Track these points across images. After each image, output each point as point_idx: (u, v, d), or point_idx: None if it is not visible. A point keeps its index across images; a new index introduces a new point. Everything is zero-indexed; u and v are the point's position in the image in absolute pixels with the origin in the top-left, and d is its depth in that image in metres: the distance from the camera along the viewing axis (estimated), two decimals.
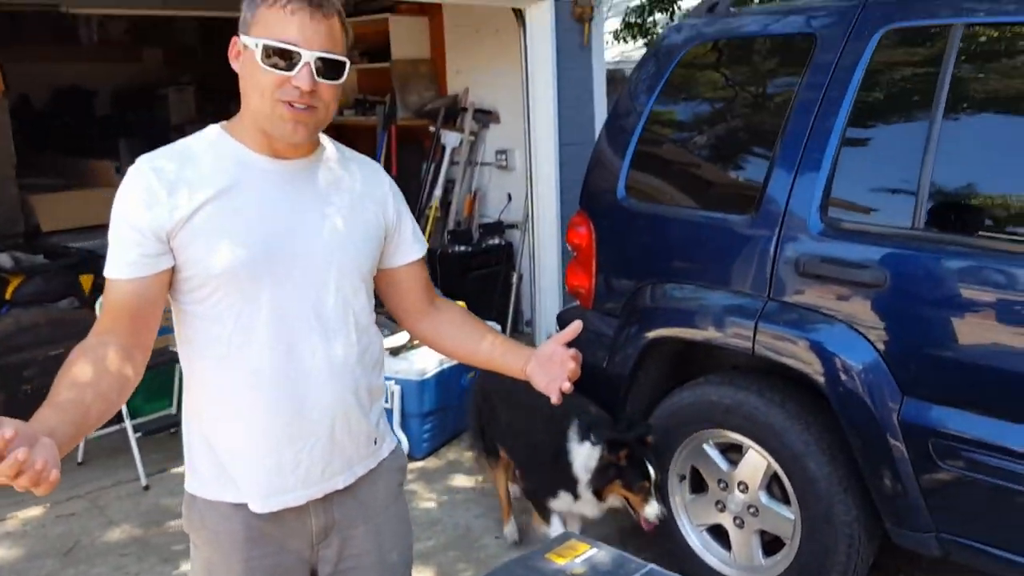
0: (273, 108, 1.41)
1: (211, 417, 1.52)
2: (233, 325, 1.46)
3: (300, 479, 1.54)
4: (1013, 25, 2.27)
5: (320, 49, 1.38)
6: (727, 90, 2.91)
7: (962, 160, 2.22)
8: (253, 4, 1.42)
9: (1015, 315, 2.08)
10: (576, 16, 5.22)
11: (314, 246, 1.50)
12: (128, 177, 1.44)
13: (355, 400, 1.57)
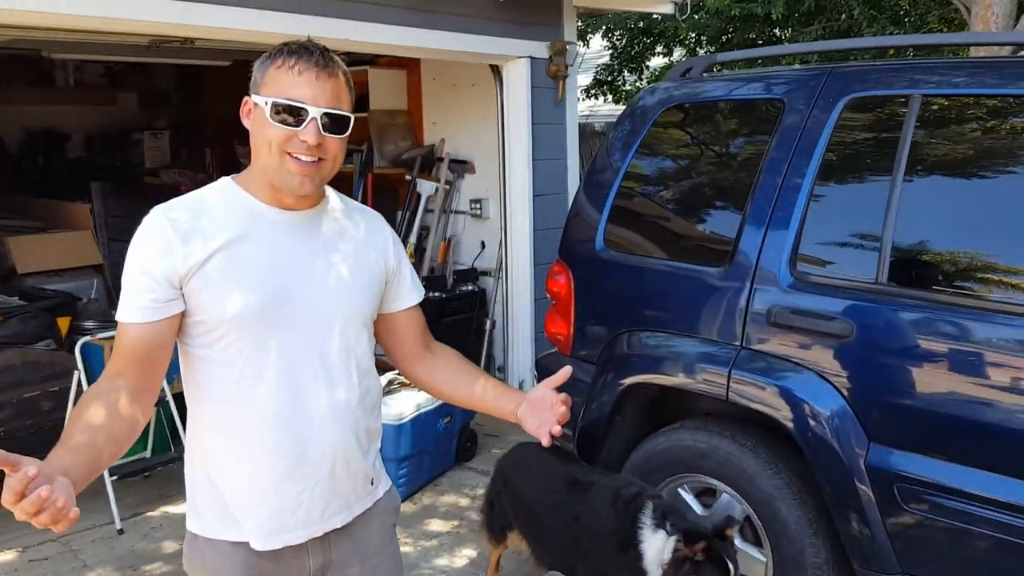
0: (281, 162, 1.50)
1: (216, 457, 1.58)
2: (241, 369, 1.53)
3: (301, 518, 1.60)
4: (963, 96, 2.45)
5: (326, 106, 1.48)
6: (700, 150, 3.06)
7: (921, 219, 2.37)
8: (264, 66, 1.53)
9: (971, 365, 2.21)
10: (551, 73, 5.41)
11: (321, 293, 1.58)
12: (143, 226, 1.52)
13: (355, 441, 1.64)
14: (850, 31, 6.33)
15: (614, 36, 8.00)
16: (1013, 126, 2.36)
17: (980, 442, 2.19)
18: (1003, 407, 2.17)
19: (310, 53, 1.50)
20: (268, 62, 1.53)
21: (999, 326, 2.19)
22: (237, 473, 1.57)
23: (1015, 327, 2.16)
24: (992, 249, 2.28)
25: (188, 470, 1.65)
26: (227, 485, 1.58)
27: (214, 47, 5.90)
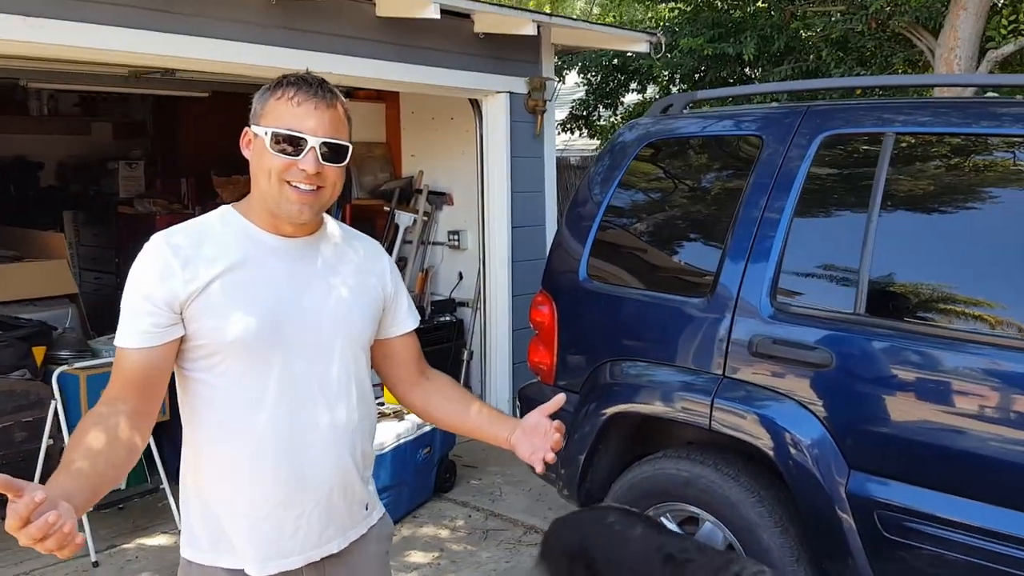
0: (281, 190, 1.53)
1: (212, 481, 1.58)
2: (240, 393, 1.55)
3: (298, 543, 1.61)
4: (933, 134, 2.55)
5: (324, 135, 1.52)
6: (680, 184, 3.14)
7: (896, 251, 2.46)
8: (263, 98, 1.56)
9: (947, 394, 2.28)
10: (530, 108, 5.50)
11: (320, 317, 1.60)
12: (144, 252, 1.54)
13: (353, 465, 1.66)
14: (818, 71, 6.51)
15: (589, 73, 8.14)
16: (978, 163, 2.46)
17: (958, 469, 2.25)
18: (978, 435, 2.23)
19: (309, 84, 1.54)
20: (268, 94, 1.56)
21: (972, 355, 2.26)
22: (234, 498, 1.57)
23: (987, 356, 2.23)
24: (963, 281, 2.36)
25: (183, 495, 1.66)
26: (224, 510, 1.59)
27: (194, 78, 5.94)
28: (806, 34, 6.79)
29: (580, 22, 5.58)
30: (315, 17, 4.29)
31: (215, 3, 3.93)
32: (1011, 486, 2.17)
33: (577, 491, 3.12)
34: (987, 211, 2.40)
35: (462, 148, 5.87)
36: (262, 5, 4.10)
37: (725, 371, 2.67)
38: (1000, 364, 2.22)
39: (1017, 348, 2.21)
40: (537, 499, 4.39)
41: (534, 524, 4.07)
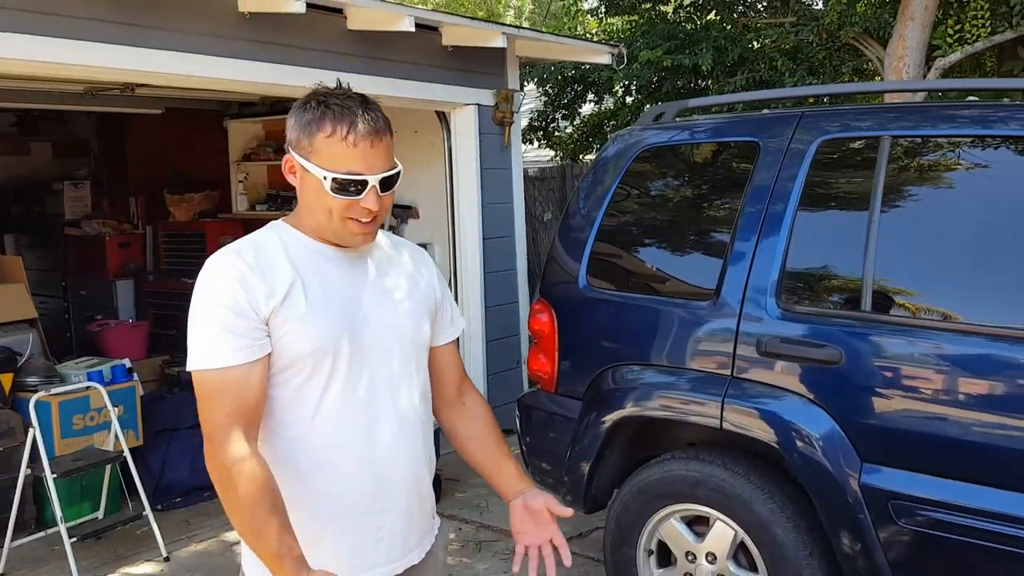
0: (343, 226, 1.52)
1: (289, 498, 1.55)
2: (314, 404, 1.53)
3: (383, 554, 1.59)
4: (927, 136, 2.65)
5: (381, 171, 1.49)
6: (678, 191, 3.19)
7: (898, 249, 2.54)
8: (310, 131, 1.48)
9: (955, 385, 2.37)
10: (497, 120, 5.53)
11: (383, 323, 1.60)
12: (216, 268, 1.50)
13: (426, 469, 1.66)
14: (772, 81, 6.69)
15: (547, 85, 8.22)
16: (974, 162, 2.57)
17: (968, 456, 2.34)
18: (987, 423, 2.32)
19: (359, 116, 1.47)
20: (315, 127, 1.47)
21: (975, 346, 2.35)
22: (314, 514, 1.54)
23: (991, 347, 2.33)
24: (965, 274, 2.46)
25: None
26: (304, 528, 1.53)
27: (150, 94, 5.82)
28: (759, 45, 6.98)
29: (547, 35, 5.64)
30: (286, 30, 4.24)
31: (183, 16, 3.86)
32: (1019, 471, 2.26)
33: (583, 498, 3.13)
34: (985, 207, 2.50)
35: (427, 161, 5.85)
36: (232, 18, 4.04)
37: (734, 371, 2.72)
38: (1005, 354, 2.31)
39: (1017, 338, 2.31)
40: None
41: None
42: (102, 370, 4.37)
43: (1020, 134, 2.50)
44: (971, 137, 2.56)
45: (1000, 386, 2.32)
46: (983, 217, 2.49)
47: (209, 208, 7.40)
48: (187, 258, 7.16)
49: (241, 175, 7.10)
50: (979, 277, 2.45)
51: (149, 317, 7.00)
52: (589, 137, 8.44)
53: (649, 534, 2.97)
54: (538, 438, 3.33)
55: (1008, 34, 6.12)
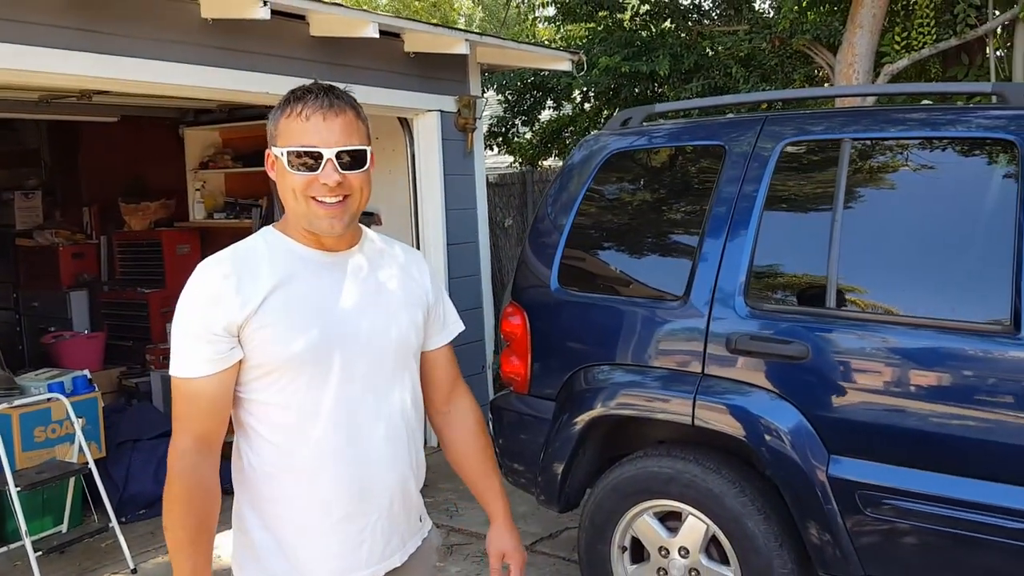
0: (308, 207, 1.53)
1: (272, 502, 1.57)
2: (298, 409, 1.54)
3: (363, 558, 1.60)
4: (887, 138, 2.75)
5: (338, 145, 1.51)
6: (647, 194, 3.26)
7: (861, 247, 2.63)
8: (276, 118, 1.56)
9: (918, 377, 2.46)
10: (460, 126, 5.56)
11: (371, 328, 1.60)
12: (194, 280, 1.53)
13: (411, 473, 1.66)
14: (727, 87, 6.84)
15: (507, 91, 8.27)
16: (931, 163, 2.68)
17: (929, 446, 2.43)
18: (944, 412, 2.41)
19: (315, 96, 1.53)
20: (279, 113, 1.56)
21: (932, 340, 2.44)
22: (297, 515, 1.56)
23: (946, 341, 2.42)
24: (926, 270, 2.56)
25: (237, 521, 1.63)
26: (287, 530, 1.57)
27: (106, 102, 5.73)
28: (713, 52, 7.12)
29: (508, 41, 5.69)
30: (248, 37, 4.23)
31: (145, 22, 3.82)
32: (978, 459, 2.36)
33: (557, 498, 3.17)
34: (941, 205, 2.60)
35: (389, 167, 5.85)
36: (195, 24, 4.02)
37: (704, 369, 2.79)
38: (959, 347, 2.41)
39: (974, 332, 2.41)
40: None
41: None
42: (63, 381, 4.30)
43: (972, 135, 2.62)
44: (929, 139, 2.67)
45: (955, 377, 2.41)
46: (939, 215, 2.60)
47: (165, 217, 7.30)
48: (143, 268, 7.06)
49: (198, 183, 7.02)
50: (936, 273, 2.56)
51: (105, 328, 6.88)
52: (548, 143, 8.52)
53: (623, 531, 3.02)
54: (511, 440, 3.36)
55: (952, 41, 6.35)
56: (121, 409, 4.94)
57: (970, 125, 2.64)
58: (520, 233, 7.61)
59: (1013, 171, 2.46)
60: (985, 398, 2.36)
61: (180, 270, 6.87)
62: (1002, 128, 2.52)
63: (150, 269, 7.00)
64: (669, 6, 7.67)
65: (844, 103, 5.47)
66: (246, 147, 6.76)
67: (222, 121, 6.74)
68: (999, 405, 2.35)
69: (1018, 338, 2.32)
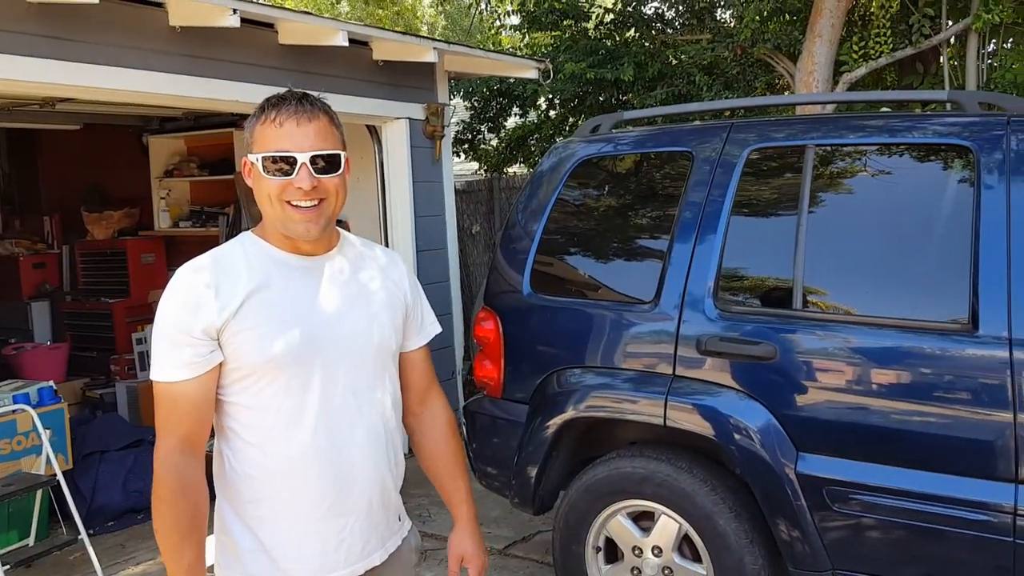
0: (284, 212, 1.56)
1: (254, 504, 1.59)
2: (277, 412, 1.56)
3: (343, 557, 1.62)
4: (846, 145, 2.84)
5: (311, 149, 1.54)
6: (617, 199, 3.31)
7: (826, 250, 2.72)
8: (251, 126, 1.60)
9: (881, 376, 2.54)
10: (428, 134, 5.59)
11: (349, 331, 1.63)
12: (173, 286, 1.55)
13: (389, 474, 1.69)
14: (690, 95, 6.95)
15: (473, 98, 8.32)
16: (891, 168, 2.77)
17: (893, 441, 2.51)
18: (909, 409, 2.49)
19: (289, 102, 1.56)
20: (255, 120, 1.59)
21: (895, 339, 2.53)
22: (278, 517, 1.58)
23: (908, 340, 2.51)
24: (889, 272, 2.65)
25: (218, 523, 1.64)
26: (267, 530, 1.59)
27: (70, 110, 5.67)
28: (677, 61, 7.24)
29: (476, 49, 5.73)
30: (217, 44, 4.22)
31: (112, 30, 3.80)
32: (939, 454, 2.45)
33: (531, 501, 3.21)
34: (902, 209, 2.69)
35: (357, 175, 5.86)
36: (164, 32, 4.00)
37: (675, 370, 2.84)
38: (920, 345, 2.50)
39: (934, 331, 2.49)
40: None
41: None
42: (28, 392, 4.23)
43: (929, 141, 2.71)
44: (888, 145, 2.76)
45: (916, 375, 2.49)
46: (899, 218, 2.68)
47: (129, 226, 7.22)
48: (107, 277, 6.97)
49: (163, 191, 6.96)
50: (897, 274, 2.64)
51: (68, 339, 6.78)
52: (514, 150, 8.57)
53: (597, 531, 3.06)
54: (485, 443, 3.39)
55: (908, 51, 6.52)
56: (87, 420, 4.88)
57: (927, 132, 2.74)
58: (488, 240, 7.64)
59: (969, 176, 2.55)
60: (945, 394, 2.45)
61: (145, 279, 6.80)
62: (957, 134, 2.62)
63: (114, 279, 6.91)
64: (633, 15, 7.78)
65: (805, 110, 5.61)
66: (212, 155, 6.72)
67: (188, 129, 6.69)
68: (958, 401, 2.44)
69: (976, 336, 2.41)
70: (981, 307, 2.41)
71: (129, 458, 4.61)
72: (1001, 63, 6.46)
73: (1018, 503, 2.33)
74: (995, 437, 2.37)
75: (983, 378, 2.40)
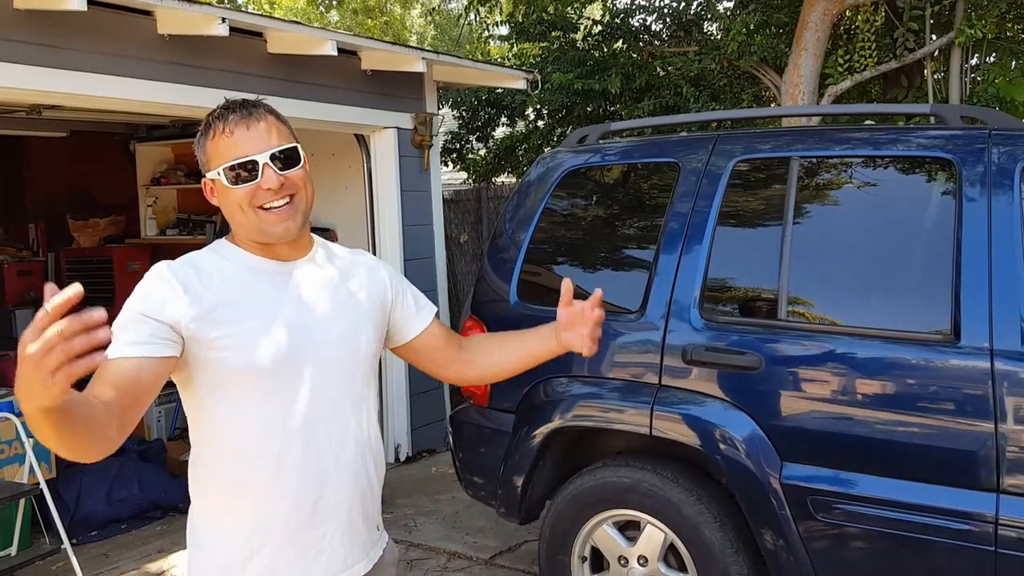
0: (258, 217, 1.55)
1: (231, 514, 1.57)
2: (254, 420, 1.54)
3: (323, 567, 1.60)
4: (831, 157, 2.87)
5: (268, 148, 1.54)
6: (604, 209, 3.33)
7: (811, 261, 2.74)
8: (201, 145, 1.59)
9: (865, 386, 2.56)
10: (416, 143, 5.61)
11: (327, 337, 1.61)
12: (147, 277, 1.53)
13: (368, 483, 1.67)
14: (677, 106, 6.99)
15: (462, 108, 8.34)
16: (873, 180, 2.80)
17: (878, 451, 2.53)
18: (893, 419, 2.51)
19: (232, 110, 1.56)
20: (204, 139, 1.58)
21: (880, 350, 2.55)
22: (255, 525, 1.56)
23: (896, 351, 2.53)
24: (870, 283, 2.67)
25: (192, 537, 1.63)
26: (244, 544, 1.56)
27: (56, 117, 5.65)
28: (664, 72, 7.28)
29: (464, 60, 5.75)
30: (205, 53, 4.23)
31: (101, 37, 3.80)
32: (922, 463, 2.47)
33: (518, 510, 3.21)
34: (886, 220, 2.72)
35: (345, 183, 5.87)
36: (152, 40, 4.01)
37: (661, 380, 2.86)
38: (903, 356, 2.52)
39: (917, 341, 2.52)
40: (453, 526, 4.43)
41: (456, 550, 4.11)
42: (12, 400, 4.20)
43: (913, 154, 2.74)
44: (872, 157, 2.79)
45: (900, 385, 2.51)
46: (883, 230, 2.71)
47: (116, 233, 7.20)
48: (93, 285, 6.94)
49: (150, 199, 6.94)
50: (881, 285, 2.66)
51: None
52: (502, 160, 8.60)
53: (583, 541, 3.07)
54: (471, 452, 3.39)
55: (892, 64, 6.59)
56: None
57: (911, 144, 2.77)
58: (475, 249, 7.66)
59: (951, 188, 2.58)
60: (928, 405, 2.47)
61: (131, 287, 6.62)
62: (940, 147, 2.65)
63: (100, 286, 6.88)
64: (621, 27, 7.83)
65: (791, 123, 5.65)
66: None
67: (175, 136, 6.68)
68: (940, 411, 2.46)
69: (958, 347, 2.44)
70: (963, 318, 2.44)
71: (113, 467, 4.58)
72: (984, 77, 6.53)
73: (999, 512, 2.35)
74: (977, 447, 2.39)
75: (965, 388, 2.42)
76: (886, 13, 6.68)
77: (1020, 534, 2.33)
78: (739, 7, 7.38)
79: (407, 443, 5.48)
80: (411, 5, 17.67)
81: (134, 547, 4.19)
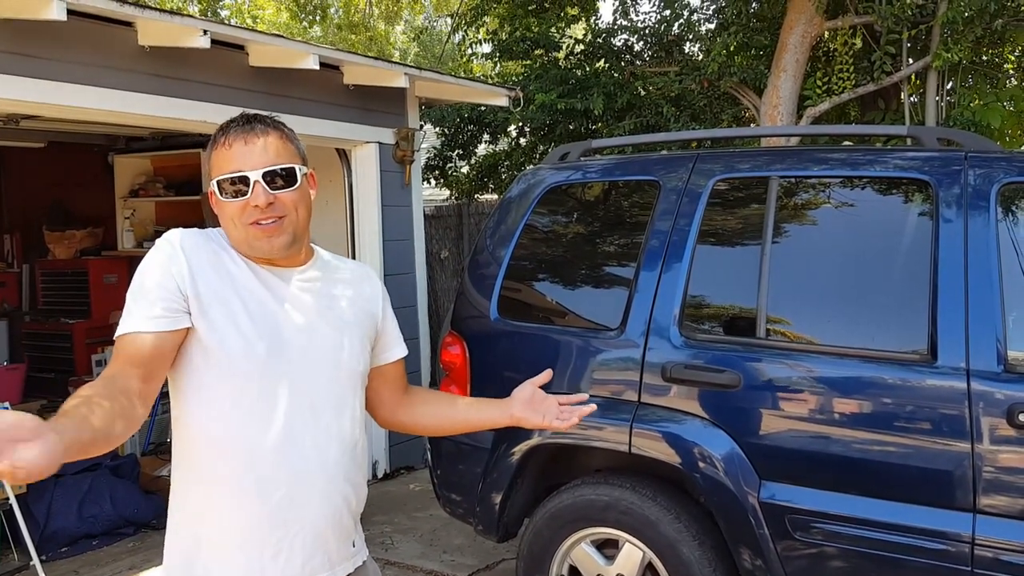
0: (247, 232, 1.56)
1: (202, 509, 1.58)
2: (238, 420, 1.54)
3: (279, 569, 1.58)
4: (810, 177, 2.89)
5: (263, 166, 1.55)
6: (585, 226, 3.34)
7: (789, 280, 2.75)
8: (208, 154, 1.62)
9: (844, 405, 2.57)
10: (398, 158, 5.60)
11: (316, 344, 1.62)
12: (157, 245, 1.56)
13: (343, 498, 1.65)
14: (658, 126, 7.05)
15: (445, 125, 8.36)
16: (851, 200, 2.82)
17: (855, 470, 2.53)
18: (870, 439, 2.52)
19: (237, 124, 1.58)
20: (211, 149, 1.61)
21: (857, 369, 2.56)
22: (219, 520, 1.56)
23: (873, 370, 2.54)
24: (848, 302, 2.69)
25: (172, 537, 1.62)
26: (206, 534, 1.57)
27: (34, 127, 5.60)
28: (645, 92, 7.34)
29: (447, 76, 5.76)
30: (186, 65, 4.21)
31: (81, 48, 3.77)
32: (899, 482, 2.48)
33: (496, 528, 3.19)
34: (864, 240, 2.74)
35: (326, 198, 5.84)
36: (133, 51, 3.98)
37: (641, 397, 2.85)
38: (885, 376, 2.53)
39: (894, 361, 2.53)
40: (430, 544, 4.39)
41: (433, 569, 4.08)
42: None
43: (890, 175, 2.77)
44: (850, 178, 2.82)
45: (877, 404, 2.53)
46: (861, 249, 2.73)
47: (92, 245, 7.13)
48: (68, 297, 6.86)
49: (128, 211, 6.88)
50: (858, 304, 2.68)
51: (26, 360, 6.64)
52: (484, 177, 8.62)
53: (561, 559, 3.05)
54: (450, 470, 3.37)
55: (870, 87, 6.69)
56: None
57: (888, 166, 2.80)
58: (456, 265, 7.65)
59: (928, 209, 2.61)
60: (905, 424, 2.48)
61: (107, 300, 6.70)
62: (917, 169, 2.68)
63: (75, 299, 6.81)
64: (603, 47, 7.90)
65: (770, 143, 5.71)
66: (179, 175, 6.67)
67: (154, 149, 6.64)
68: (917, 431, 2.47)
69: (935, 367, 2.45)
70: (940, 338, 2.46)
71: (85, 482, 4.51)
72: (959, 101, 6.64)
73: (976, 532, 2.36)
74: (953, 467, 2.40)
75: (941, 408, 2.43)
76: (864, 36, 6.78)
77: (996, 554, 2.34)
78: (720, 29, 7.47)
79: (385, 459, 5.44)
80: (395, 21, 17.75)
81: (105, 564, 4.12)
